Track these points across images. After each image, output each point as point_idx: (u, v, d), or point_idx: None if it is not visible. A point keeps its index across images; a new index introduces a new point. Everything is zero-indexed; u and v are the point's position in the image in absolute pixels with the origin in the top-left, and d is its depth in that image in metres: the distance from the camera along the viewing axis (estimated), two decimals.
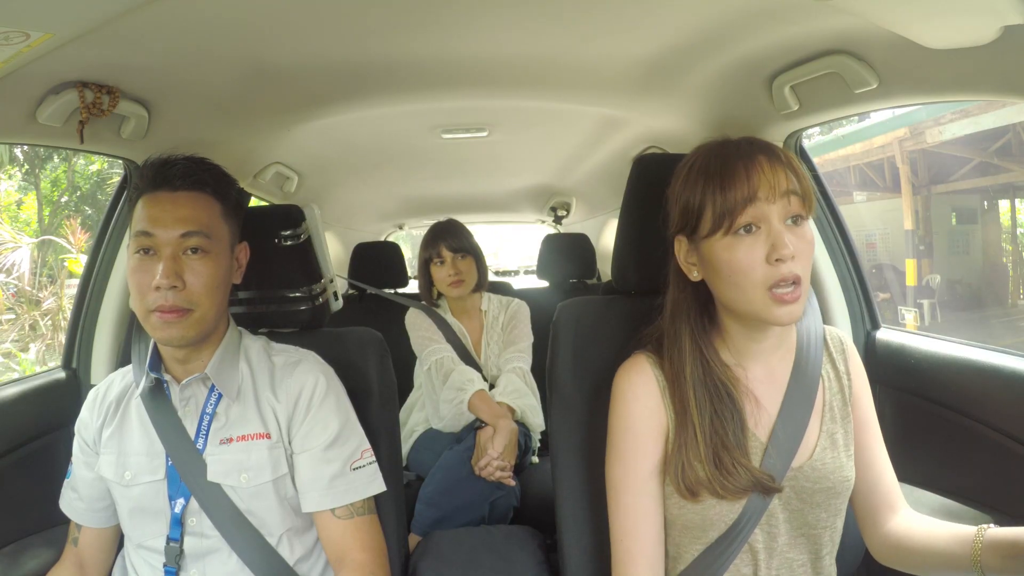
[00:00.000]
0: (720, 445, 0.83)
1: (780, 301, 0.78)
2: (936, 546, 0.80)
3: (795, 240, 0.79)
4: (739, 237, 0.79)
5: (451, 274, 1.92)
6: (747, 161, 0.79)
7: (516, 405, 1.83)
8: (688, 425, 0.85)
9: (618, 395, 0.91)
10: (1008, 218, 8.54)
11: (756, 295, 0.79)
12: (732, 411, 0.85)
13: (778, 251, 0.77)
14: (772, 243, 0.78)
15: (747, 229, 0.79)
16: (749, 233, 0.79)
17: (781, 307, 0.78)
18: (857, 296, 1.42)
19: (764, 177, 0.78)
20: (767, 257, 0.78)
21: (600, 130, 1.95)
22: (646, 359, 0.91)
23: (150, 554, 1.00)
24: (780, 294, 0.78)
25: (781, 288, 0.78)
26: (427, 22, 1.10)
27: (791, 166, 0.81)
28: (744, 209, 0.78)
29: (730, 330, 0.89)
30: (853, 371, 0.94)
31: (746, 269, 0.79)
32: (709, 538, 0.86)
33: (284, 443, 1.01)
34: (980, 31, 0.80)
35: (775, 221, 0.78)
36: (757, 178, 0.78)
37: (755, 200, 0.78)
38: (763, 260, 0.78)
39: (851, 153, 8.05)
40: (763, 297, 0.79)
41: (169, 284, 0.92)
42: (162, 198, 0.96)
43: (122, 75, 1.07)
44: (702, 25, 1.09)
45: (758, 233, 0.79)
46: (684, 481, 0.84)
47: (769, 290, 0.78)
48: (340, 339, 1.20)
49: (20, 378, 1.28)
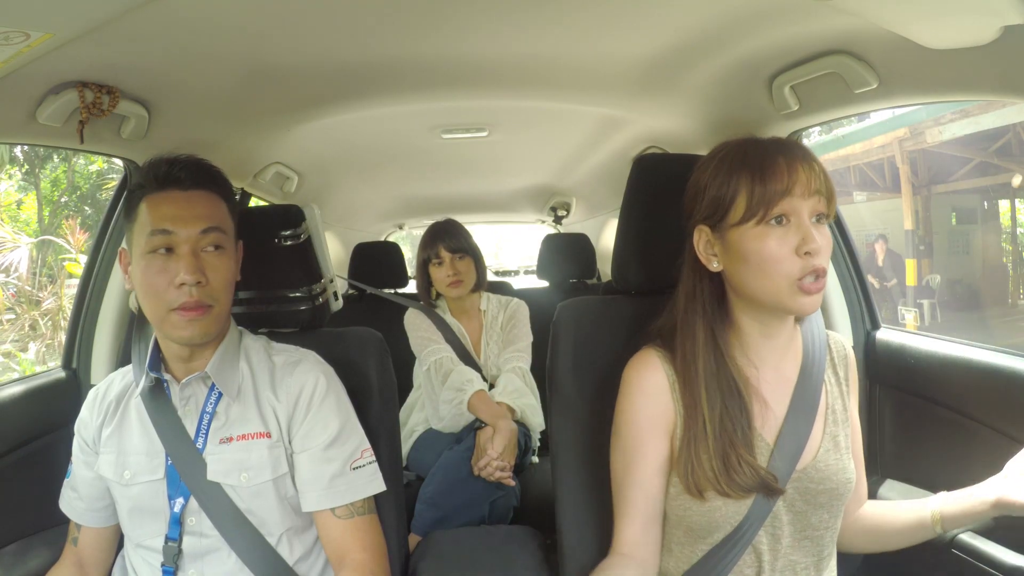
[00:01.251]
0: (728, 442, 0.84)
1: (805, 291, 0.81)
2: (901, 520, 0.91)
3: (819, 237, 0.82)
4: (771, 227, 0.82)
5: (450, 274, 1.92)
6: (788, 156, 0.82)
7: (516, 405, 1.82)
8: (698, 420, 0.86)
9: (626, 388, 0.91)
10: (1008, 218, 8.55)
11: (783, 285, 0.82)
12: (741, 408, 0.86)
13: (808, 244, 0.80)
14: (803, 236, 0.81)
15: (779, 220, 0.82)
16: (780, 225, 0.82)
17: (805, 297, 0.82)
18: (857, 296, 1.42)
19: (801, 173, 0.82)
20: (796, 249, 0.81)
21: (600, 130, 1.95)
22: (656, 353, 0.91)
23: (149, 553, 1.00)
24: (806, 284, 0.81)
25: (808, 279, 0.81)
26: (427, 22, 1.10)
27: (822, 168, 0.84)
28: (780, 201, 0.81)
29: (743, 327, 0.89)
30: (851, 379, 0.97)
31: (778, 259, 0.82)
32: (714, 539, 0.86)
33: (284, 442, 1.01)
34: (980, 31, 0.80)
35: (805, 216, 0.82)
36: (795, 173, 0.81)
37: (790, 194, 0.81)
38: (792, 252, 0.81)
39: (851, 153, 8.05)
40: (789, 287, 0.82)
41: (195, 280, 0.92)
42: (176, 197, 0.95)
43: (122, 75, 1.07)
44: (702, 25, 1.09)
45: (788, 226, 0.82)
46: (692, 477, 0.84)
47: (797, 281, 0.81)
48: (340, 339, 1.20)
49: (20, 378, 1.28)
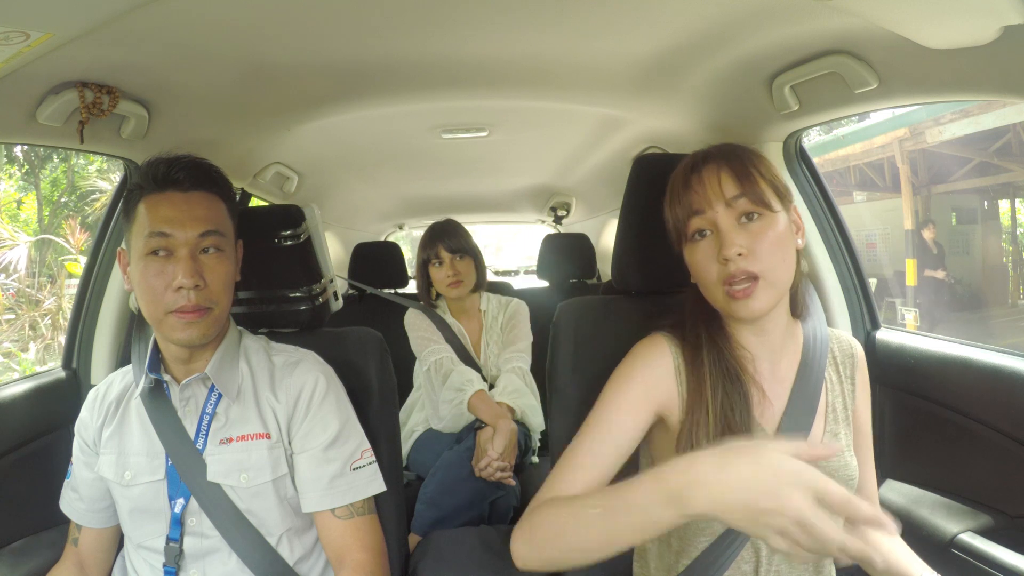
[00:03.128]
0: (727, 427, 0.85)
1: (733, 297, 0.83)
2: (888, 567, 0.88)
3: (748, 237, 0.83)
4: (696, 243, 0.87)
5: (449, 275, 1.92)
6: (696, 175, 0.86)
7: (516, 405, 1.83)
8: (701, 405, 0.87)
9: (629, 358, 0.91)
10: (1008, 218, 8.54)
11: (717, 293, 0.85)
12: (741, 393, 0.87)
13: (724, 251, 0.83)
14: (720, 243, 0.84)
15: (700, 234, 0.86)
16: (703, 238, 0.86)
17: (736, 302, 0.83)
18: (857, 296, 1.42)
19: (708, 187, 0.85)
20: (718, 257, 0.84)
21: (600, 130, 1.95)
22: (664, 337, 0.92)
23: (150, 554, 1.00)
24: (733, 291, 0.83)
25: (735, 285, 0.83)
26: (427, 22, 1.10)
27: (743, 170, 0.85)
28: (691, 219, 0.86)
29: (735, 323, 0.91)
30: (859, 381, 0.97)
31: (704, 270, 0.86)
32: (714, 531, 0.87)
33: (284, 443, 1.01)
34: (980, 31, 0.81)
35: (723, 223, 0.84)
36: (705, 189, 0.85)
37: (702, 211, 0.85)
38: (715, 260, 0.84)
39: (851, 153, 8.04)
40: (722, 294, 0.85)
41: (193, 283, 0.92)
42: (175, 198, 0.95)
43: (122, 75, 1.07)
44: (702, 25, 1.09)
45: (711, 237, 0.86)
46: None
47: (725, 287, 0.84)
48: (340, 339, 1.20)
49: (20, 378, 1.28)
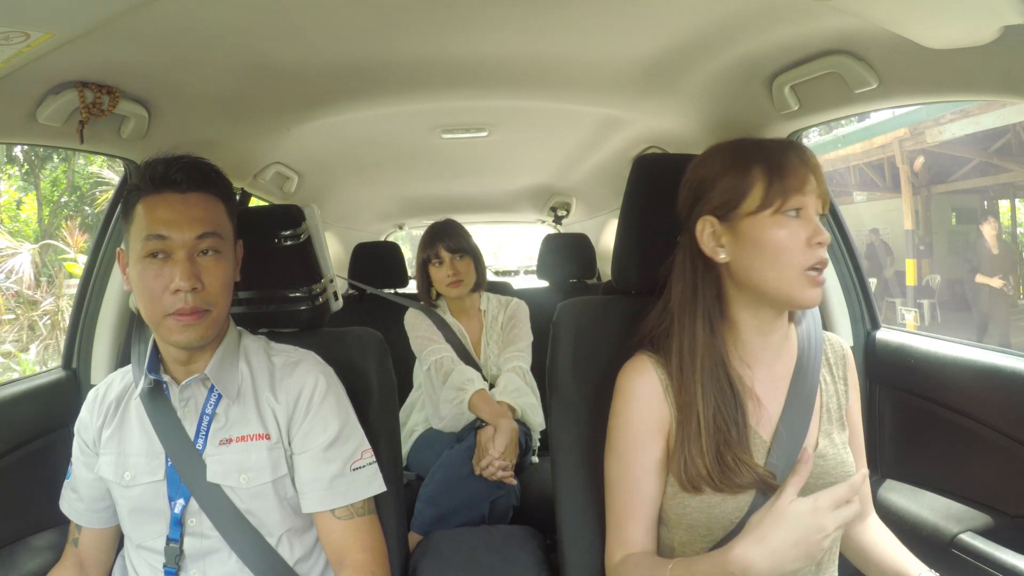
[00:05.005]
0: (723, 441, 0.85)
1: (813, 283, 0.85)
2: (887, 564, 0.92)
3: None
4: (787, 218, 0.85)
5: (449, 275, 1.92)
6: (802, 155, 0.87)
7: (516, 404, 1.83)
8: (692, 419, 0.86)
9: (619, 394, 0.93)
10: (1008, 218, 8.54)
11: (792, 274, 0.85)
12: (735, 407, 0.87)
13: (819, 236, 0.84)
14: (814, 228, 0.85)
15: (796, 212, 0.85)
16: (795, 217, 0.85)
17: (812, 288, 0.85)
18: (857, 296, 1.42)
19: (812, 173, 0.86)
20: (808, 240, 0.84)
21: (600, 130, 1.95)
22: (648, 359, 0.92)
23: (150, 554, 1.00)
24: (814, 276, 0.84)
25: (816, 270, 0.84)
26: (427, 22, 1.10)
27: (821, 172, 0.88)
28: (794, 195, 0.85)
29: (740, 324, 0.90)
30: (851, 381, 0.98)
31: (791, 248, 0.84)
32: (714, 537, 0.87)
33: (284, 444, 1.01)
34: (980, 31, 0.81)
35: (812, 212, 0.86)
36: (807, 172, 0.85)
37: (803, 190, 0.85)
38: (803, 243, 0.84)
39: (851, 153, 8.05)
40: (798, 277, 0.84)
41: (190, 287, 0.91)
42: (172, 200, 0.94)
43: (122, 75, 1.07)
44: (702, 25, 1.09)
45: (800, 219, 0.85)
46: (686, 473, 0.86)
47: (806, 271, 0.84)
48: (340, 339, 1.20)
49: (20, 378, 1.28)
